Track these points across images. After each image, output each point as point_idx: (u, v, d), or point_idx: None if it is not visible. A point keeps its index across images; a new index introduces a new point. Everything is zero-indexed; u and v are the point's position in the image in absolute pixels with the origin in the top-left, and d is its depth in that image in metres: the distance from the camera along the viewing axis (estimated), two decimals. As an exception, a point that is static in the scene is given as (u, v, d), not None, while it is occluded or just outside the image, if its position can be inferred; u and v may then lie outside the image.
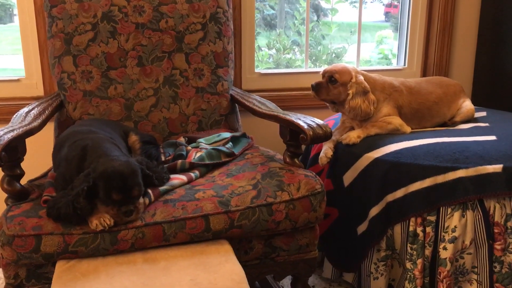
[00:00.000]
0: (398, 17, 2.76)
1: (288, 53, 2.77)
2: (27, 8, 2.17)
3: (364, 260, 1.84)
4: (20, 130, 1.48)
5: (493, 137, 1.82)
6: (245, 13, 2.38)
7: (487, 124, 1.99)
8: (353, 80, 1.85)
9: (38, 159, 1.85)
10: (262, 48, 2.73)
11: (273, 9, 2.82)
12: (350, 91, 1.85)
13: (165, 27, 2.03)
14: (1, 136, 1.38)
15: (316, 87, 1.89)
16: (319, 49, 2.81)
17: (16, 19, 2.28)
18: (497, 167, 1.66)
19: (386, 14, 3.04)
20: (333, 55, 2.82)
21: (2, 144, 1.34)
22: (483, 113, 2.15)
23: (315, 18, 2.83)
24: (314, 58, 2.79)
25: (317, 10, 2.84)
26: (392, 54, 2.87)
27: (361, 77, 1.87)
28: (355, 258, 1.86)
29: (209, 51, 2.07)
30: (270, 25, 2.83)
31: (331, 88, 1.88)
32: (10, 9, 2.50)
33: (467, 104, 2.05)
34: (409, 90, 1.95)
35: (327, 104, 2.01)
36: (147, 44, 2.02)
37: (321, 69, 2.68)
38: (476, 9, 2.58)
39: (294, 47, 2.78)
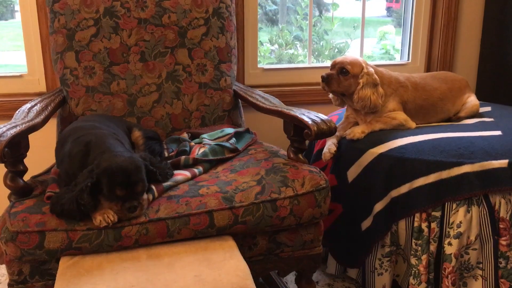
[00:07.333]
0: (399, 12, 2.74)
1: (290, 48, 2.75)
2: (29, 3, 2.16)
3: (369, 255, 1.83)
4: (23, 126, 1.47)
5: (498, 132, 1.81)
6: (248, 8, 2.37)
7: (492, 119, 1.98)
8: (365, 70, 1.84)
9: (40, 155, 1.85)
10: (264, 43, 2.71)
11: (275, 4, 2.81)
12: (360, 81, 1.83)
13: (168, 22, 2.02)
14: (4, 132, 1.38)
15: (327, 79, 1.86)
16: (321, 44, 2.80)
17: (18, 15, 2.27)
18: (502, 162, 1.65)
19: (388, 9, 3.03)
20: (336, 50, 2.81)
21: (5, 140, 1.33)
22: (488, 108, 2.14)
23: (317, 13, 2.82)
24: (316, 53, 2.77)
25: (319, 5, 2.83)
26: (395, 49, 2.85)
27: (372, 69, 1.86)
28: (359, 254, 1.85)
29: (212, 46, 2.06)
30: (272, 20, 2.82)
31: (342, 80, 1.86)
32: (11, 5, 2.50)
33: (472, 100, 2.04)
34: (414, 86, 1.94)
35: (331, 98, 2.00)
36: (149, 40, 2.01)
37: (324, 64, 2.69)
38: (480, 3, 2.56)
39: (296, 42, 2.76)
